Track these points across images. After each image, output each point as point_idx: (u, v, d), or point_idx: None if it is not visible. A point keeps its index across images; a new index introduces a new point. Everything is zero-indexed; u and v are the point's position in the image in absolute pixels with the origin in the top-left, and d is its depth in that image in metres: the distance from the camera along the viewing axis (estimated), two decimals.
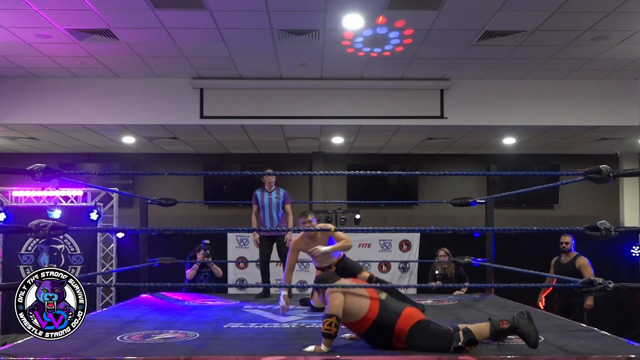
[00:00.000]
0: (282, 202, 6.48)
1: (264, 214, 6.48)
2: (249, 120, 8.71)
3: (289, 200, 6.57)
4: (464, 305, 5.44)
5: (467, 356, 3.20)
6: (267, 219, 6.45)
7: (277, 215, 6.45)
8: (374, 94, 8.59)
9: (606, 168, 3.64)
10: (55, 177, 3.71)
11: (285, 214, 6.50)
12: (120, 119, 8.62)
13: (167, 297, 6.11)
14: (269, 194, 6.48)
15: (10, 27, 6.47)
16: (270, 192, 6.50)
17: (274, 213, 6.44)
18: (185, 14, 6.19)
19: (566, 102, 8.58)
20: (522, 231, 4.74)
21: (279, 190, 6.51)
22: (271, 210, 6.45)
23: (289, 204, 6.54)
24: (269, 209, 6.45)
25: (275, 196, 6.47)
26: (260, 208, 6.49)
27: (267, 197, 6.47)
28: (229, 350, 3.44)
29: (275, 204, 6.45)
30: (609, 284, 3.51)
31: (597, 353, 3.26)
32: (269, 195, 6.48)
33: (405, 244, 10.05)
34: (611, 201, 11.73)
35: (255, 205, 6.53)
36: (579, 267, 6.76)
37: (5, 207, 9.27)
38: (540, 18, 6.25)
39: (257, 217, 6.55)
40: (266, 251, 6.46)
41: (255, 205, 6.53)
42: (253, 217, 6.57)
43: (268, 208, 6.45)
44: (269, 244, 6.47)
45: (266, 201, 6.46)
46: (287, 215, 6.50)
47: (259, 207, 6.50)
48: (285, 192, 6.57)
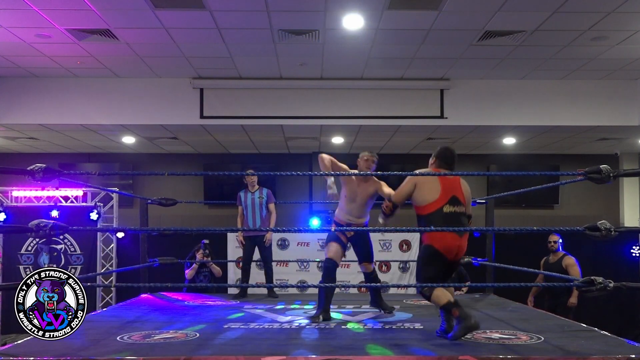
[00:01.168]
0: (265, 201, 6.53)
1: (247, 214, 6.54)
2: (249, 120, 8.71)
3: (273, 200, 6.63)
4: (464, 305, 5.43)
5: (467, 356, 3.20)
6: (249, 219, 6.51)
7: (261, 214, 6.50)
8: (374, 94, 8.58)
9: (606, 168, 3.65)
10: (55, 177, 3.71)
11: (268, 213, 6.56)
12: (120, 119, 8.62)
13: (167, 297, 6.11)
14: (252, 194, 6.56)
15: (10, 27, 6.47)
16: (253, 192, 6.56)
17: (256, 213, 6.49)
18: (185, 14, 6.19)
19: (566, 102, 8.58)
20: (522, 231, 4.75)
21: (262, 190, 6.57)
22: (254, 210, 6.51)
23: (272, 202, 6.60)
24: (252, 209, 6.52)
25: (259, 196, 6.53)
26: (244, 208, 6.55)
27: (250, 197, 6.54)
28: (229, 350, 3.44)
29: (259, 203, 6.51)
30: (609, 283, 3.51)
31: (597, 353, 3.26)
32: (252, 196, 6.55)
33: (405, 244, 10.05)
34: (611, 201, 11.73)
35: (240, 207, 6.60)
36: (566, 266, 6.82)
37: (5, 207, 9.27)
38: (540, 18, 6.25)
39: (241, 218, 6.62)
40: (248, 251, 6.53)
41: (240, 207, 6.60)
42: (238, 218, 6.64)
43: (251, 208, 6.52)
44: (252, 245, 6.55)
45: (249, 201, 6.53)
46: (271, 214, 6.56)
47: (243, 208, 6.56)
48: (269, 191, 6.63)
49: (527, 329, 4.02)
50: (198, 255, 7.24)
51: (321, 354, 3.33)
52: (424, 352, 3.34)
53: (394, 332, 4.09)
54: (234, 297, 6.28)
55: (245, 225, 6.47)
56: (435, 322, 4.31)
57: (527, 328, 4.04)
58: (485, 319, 4.57)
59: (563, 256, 6.98)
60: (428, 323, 4.34)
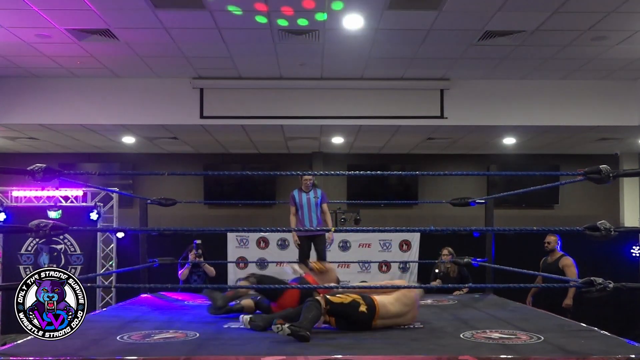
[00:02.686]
0: (319, 202, 6.49)
1: (302, 214, 6.49)
2: (249, 120, 8.71)
3: (326, 200, 6.60)
4: (464, 305, 5.44)
5: (467, 356, 3.20)
6: (306, 218, 6.46)
7: (317, 214, 6.46)
8: (374, 94, 8.59)
9: (606, 168, 3.64)
10: (55, 177, 3.70)
11: (322, 213, 6.53)
12: (120, 119, 8.63)
13: (167, 297, 6.10)
14: (307, 194, 6.49)
15: (10, 27, 6.47)
16: (307, 192, 6.51)
17: (312, 213, 6.45)
18: (185, 14, 6.19)
19: (566, 102, 8.58)
20: (522, 231, 4.75)
21: (317, 191, 6.53)
22: (310, 210, 6.46)
23: (326, 203, 6.57)
24: (307, 208, 6.46)
25: (314, 196, 6.48)
26: (299, 208, 6.50)
27: (304, 197, 6.49)
28: (229, 350, 3.44)
29: (314, 203, 6.46)
30: (609, 283, 3.51)
31: (597, 353, 3.26)
32: (307, 196, 6.49)
33: (405, 244, 10.04)
34: (611, 201, 11.73)
35: (293, 207, 6.55)
36: (562, 266, 6.83)
37: (5, 207, 9.27)
38: (540, 18, 6.25)
39: (295, 218, 6.56)
40: (305, 251, 6.46)
41: (293, 207, 6.55)
42: (291, 217, 6.58)
43: (307, 208, 6.46)
44: (309, 243, 6.48)
45: (304, 201, 6.47)
46: (325, 214, 6.54)
47: (297, 208, 6.51)
48: (323, 192, 6.61)
49: (527, 328, 4.01)
50: (191, 256, 7.17)
51: (321, 354, 3.32)
52: (424, 352, 3.33)
53: (394, 331, 4.08)
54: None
55: (302, 225, 6.42)
56: (435, 321, 4.31)
57: (527, 328, 4.04)
58: (485, 318, 4.57)
59: (561, 257, 6.97)
60: (428, 323, 4.34)
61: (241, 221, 11.55)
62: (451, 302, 5.73)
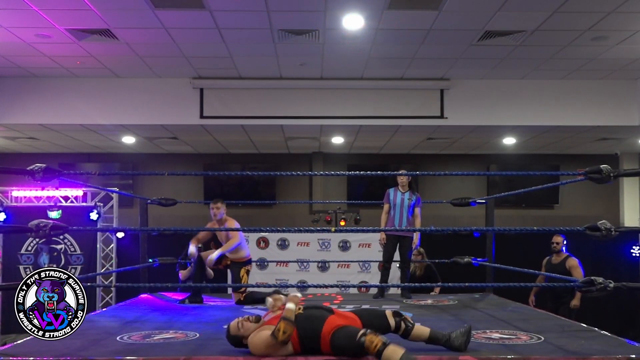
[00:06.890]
0: (414, 204, 6.34)
1: (393, 213, 6.36)
2: (249, 120, 8.71)
3: (420, 204, 6.45)
4: (464, 305, 5.44)
5: (468, 356, 3.20)
6: (396, 218, 6.33)
7: (408, 216, 6.32)
8: (374, 94, 8.58)
9: (606, 168, 3.64)
10: (55, 177, 3.71)
11: (414, 216, 6.38)
12: (120, 119, 8.62)
13: (167, 297, 6.11)
14: (402, 194, 6.37)
15: (10, 27, 6.47)
16: (403, 192, 6.40)
17: (403, 214, 6.32)
18: (185, 14, 6.19)
19: (566, 102, 8.58)
20: (522, 231, 4.74)
21: (413, 193, 6.40)
22: (402, 211, 6.32)
23: (419, 206, 6.43)
24: (400, 208, 6.33)
25: (408, 197, 6.34)
26: (392, 207, 6.38)
27: (400, 197, 6.36)
28: (229, 350, 3.44)
29: (407, 205, 6.32)
30: (609, 283, 3.51)
31: (597, 353, 3.26)
32: (402, 196, 6.36)
33: None
34: (611, 201, 11.73)
35: (387, 204, 6.42)
36: (569, 267, 6.83)
37: (5, 207, 9.27)
38: (540, 18, 6.25)
39: (386, 216, 6.43)
40: (390, 250, 6.35)
41: (387, 204, 6.42)
42: (383, 215, 6.45)
43: (399, 208, 6.33)
44: (394, 244, 6.36)
45: (399, 201, 6.35)
46: (416, 218, 6.39)
47: (390, 206, 6.40)
48: (419, 196, 6.46)
49: (527, 329, 4.01)
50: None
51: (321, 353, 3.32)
52: (424, 352, 3.33)
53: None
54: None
55: (391, 224, 6.30)
56: (436, 321, 4.31)
57: (527, 328, 4.04)
58: (485, 319, 4.57)
59: (567, 257, 6.97)
60: (428, 322, 4.34)
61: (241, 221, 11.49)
62: (451, 302, 5.74)
